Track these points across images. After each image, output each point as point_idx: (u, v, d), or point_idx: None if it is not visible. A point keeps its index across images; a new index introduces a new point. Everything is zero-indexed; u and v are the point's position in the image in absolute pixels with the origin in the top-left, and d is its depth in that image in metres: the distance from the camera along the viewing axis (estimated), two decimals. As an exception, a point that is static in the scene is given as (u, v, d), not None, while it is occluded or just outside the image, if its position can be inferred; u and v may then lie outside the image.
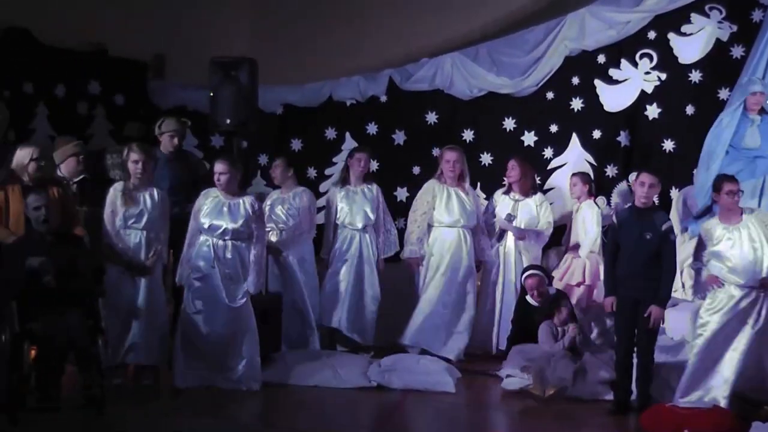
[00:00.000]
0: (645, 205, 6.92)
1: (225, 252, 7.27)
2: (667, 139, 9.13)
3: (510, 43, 9.47)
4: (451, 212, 8.34)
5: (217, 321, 7.22)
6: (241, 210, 7.30)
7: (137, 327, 7.16)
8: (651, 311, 6.74)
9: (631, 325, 6.86)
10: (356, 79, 9.73)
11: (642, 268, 6.79)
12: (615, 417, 6.81)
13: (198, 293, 7.26)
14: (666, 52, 9.15)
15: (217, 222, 7.25)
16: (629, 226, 6.91)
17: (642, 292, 6.79)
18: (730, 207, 6.74)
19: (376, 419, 6.78)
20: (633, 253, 6.83)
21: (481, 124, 9.56)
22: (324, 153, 9.74)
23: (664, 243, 6.80)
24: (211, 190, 7.39)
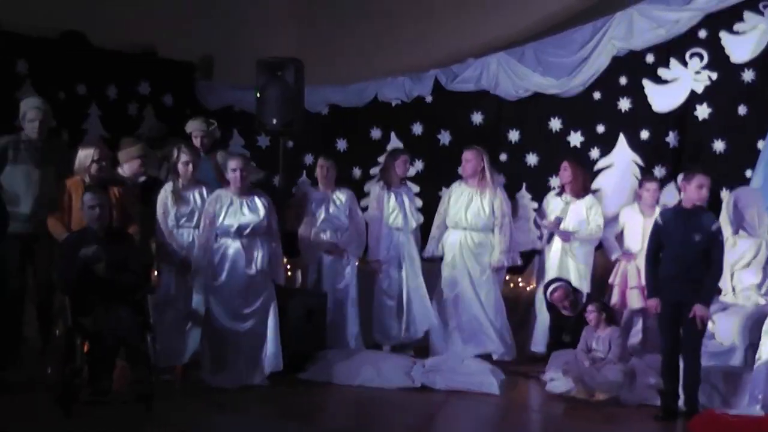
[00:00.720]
0: (694, 206, 6.82)
1: (253, 249, 7.32)
2: (717, 139, 8.97)
3: (556, 42, 9.38)
4: (454, 214, 8.37)
5: (245, 318, 7.29)
6: (259, 205, 7.37)
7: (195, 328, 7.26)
8: (695, 310, 6.64)
9: (675, 328, 6.76)
10: (402, 79, 9.73)
11: (688, 269, 6.69)
12: (662, 422, 6.73)
13: (224, 294, 7.29)
14: (717, 51, 8.98)
15: (244, 221, 7.29)
16: (675, 227, 6.81)
17: (686, 294, 6.68)
18: None
19: (419, 420, 6.77)
20: (679, 255, 6.73)
21: (527, 124, 9.49)
22: (369, 153, 9.76)
23: (713, 244, 6.69)
24: (221, 192, 7.39)
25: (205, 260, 7.28)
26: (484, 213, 8.33)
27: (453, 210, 8.42)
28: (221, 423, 6.48)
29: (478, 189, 8.37)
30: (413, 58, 9.94)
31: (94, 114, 9.14)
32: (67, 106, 8.69)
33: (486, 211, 8.33)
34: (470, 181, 8.41)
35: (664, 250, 6.84)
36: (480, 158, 8.39)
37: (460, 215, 8.37)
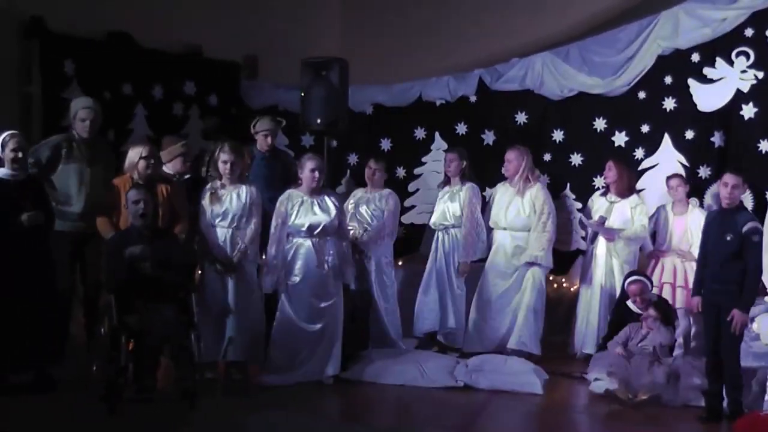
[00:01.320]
0: (729, 206, 6.77)
1: (325, 249, 7.40)
2: (763, 139, 8.86)
3: (601, 42, 9.33)
4: (494, 214, 8.39)
5: (313, 319, 7.37)
6: (330, 205, 7.42)
7: (230, 325, 7.29)
8: (734, 315, 6.59)
9: (716, 329, 6.73)
10: (446, 79, 9.73)
11: (720, 270, 6.67)
12: (706, 424, 6.69)
13: (296, 293, 7.37)
14: (764, 49, 8.85)
15: (315, 221, 7.36)
16: (714, 227, 6.82)
17: (721, 295, 6.66)
18: None
19: (463, 419, 6.78)
20: (713, 255, 6.73)
21: (572, 124, 9.45)
22: (413, 153, 9.78)
23: (745, 245, 6.62)
24: (292, 192, 7.47)
25: (277, 259, 7.36)
26: (524, 213, 8.33)
27: (495, 210, 8.45)
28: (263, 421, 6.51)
29: (520, 189, 8.36)
30: (457, 57, 9.96)
31: (140, 114, 9.24)
32: (113, 106, 8.79)
33: (526, 211, 8.32)
34: (512, 181, 8.41)
35: (706, 251, 6.81)
36: (522, 158, 8.41)
37: (500, 215, 8.39)
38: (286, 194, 7.47)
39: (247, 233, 7.38)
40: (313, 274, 7.36)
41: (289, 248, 7.40)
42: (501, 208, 8.41)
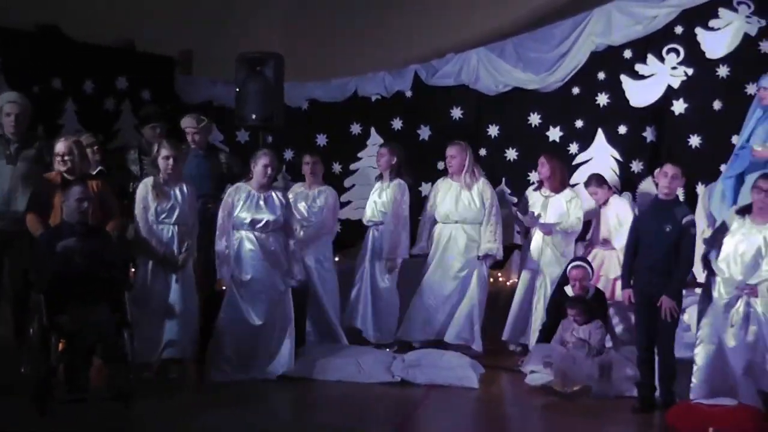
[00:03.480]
0: (667, 197, 6.87)
1: (268, 245, 7.37)
2: (693, 134, 9.05)
3: (536, 38, 9.43)
4: (444, 208, 8.37)
5: (262, 314, 7.34)
6: (276, 202, 7.41)
7: (171, 323, 7.22)
8: (663, 302, 6.69)
9: (649, 320, 6.81)
10: (382, 74, 9.74)
11: (660, 261, 6.75)
12: (640, 414, 6.79)
13: (245, 288, 7.33)
14: (693, 47, 9.07)
15: (258, 215, 7.33)
16: (649, 218, 6.90)
17: (659, 287, 6.74)
18: (760, 205, 6.67)
19: (400, 414, 6.79)
20: (651, 246, 6.80)
21: (507, 119, 9.54)
22: (349, 148, 9.77)
23: (683, 236, 6.73)
24: (241, 185, 7.46)
25: (228, 249, 7.33)
26: (475, 206, 8.34)
27: (442, 205, 8.41)
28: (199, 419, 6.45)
29: (466, 183, 8.38)
30: (393, 53, 9.96)
31: (70, 109, 9.06)
32: (42, 100, 8.60)
33: (477, 204, 8.35)
34: (456, 177, 8.42)
35: (640, 243, 6.90)
36: (465, 153, 8.41)
37: (450, 209, 8.37)
38: (234, 186, 7.48)
39: (192, 230, 7.33)
40: (256, 269, 7.32)
41: (241, 240, 7.38)
42: (450, 203, 8.37)
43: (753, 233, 6.61)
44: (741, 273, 6.59)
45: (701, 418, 6.24)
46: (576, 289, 7.81)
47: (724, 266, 6.65)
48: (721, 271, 6.66)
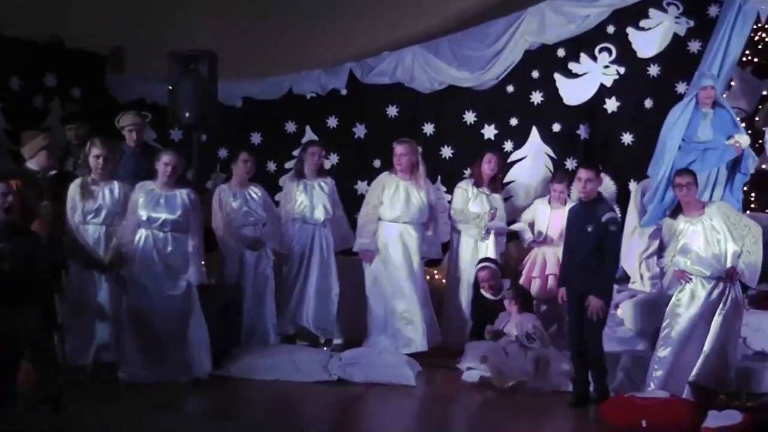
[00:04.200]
0: (587, 199, 6.96)
1: (165, 244, 7.25)
2: (625, 132, 9.21)
3: (471, 36, 9.48)
4: (394, 208, 8.28)
5: (162, 313, 7.20)
6: (179, 201, 7.29)
7: (103, 325, 7.10)
8: (589, 302, 6.79)
9: (580, 317, 6.90)
10: (317, 72, 9.69)
11: (585, 260, 6.84)
12: (575, 409, 6.87)
13: (141, 287, 7.20)
14: (625, 46, 9.24)
15: (156, 214, 7.23)
16: (575, 218, 7.00)
17: (585, 285, 6.83)
18: (685, 200, 6.80)
19: (337, 413, 6.77)
20: (577, 246, 6.90)
21: (442, 117, 9.57)
22: (284, 146, 9.69)
23: (604, 235, 6.81)
24: (146, 182, 7.34)
25: (128, 249, 7.19)
26: (423, 205, 8.32)
27: (390, 204, 8.30)
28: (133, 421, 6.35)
29: (413, 181, 8.33)
30: (329, 51, 9.90)
31: (-4, 105, 8.87)
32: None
33: (424, 203, 8.32)
34: (402, 174, 8.39)
35: (568, 242, 6.99)
36: (414, 151, 8.36)
37: (400, 209, 8.30)
38: (140, 184, 7.34)
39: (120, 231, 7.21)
40: (152, 268, 7.21)
41: (139, 238, 7.25)
42: (401, 203, 8.29)
43: (700, 227, 6.75)
44: (713, 265, 6.71)
45: (635, 411, 6.33)
46: (488, 290, 7.89)
47: (700, 267, 6.75)
48: (699, 273, 6.75)
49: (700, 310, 6.72)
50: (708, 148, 8.14)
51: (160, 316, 7.20)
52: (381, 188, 8.35)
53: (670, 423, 6.25)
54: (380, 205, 8.31)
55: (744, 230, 6.74)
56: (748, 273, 6.73)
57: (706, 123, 8.18)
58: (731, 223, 6.72)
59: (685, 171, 6.97)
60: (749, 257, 6.71)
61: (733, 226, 6.70)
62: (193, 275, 7.29)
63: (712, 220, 6.73)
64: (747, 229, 6.76)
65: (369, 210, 8.35)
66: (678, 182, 6.81)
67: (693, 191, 6.81)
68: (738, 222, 6.77)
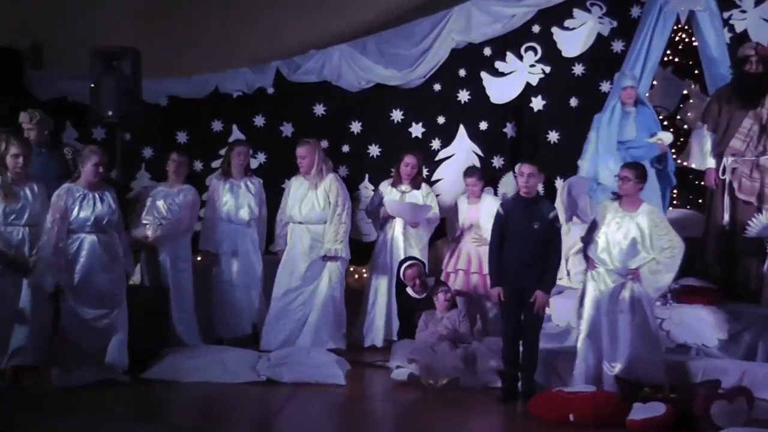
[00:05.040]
0: (527, 195, 7.02)
1: (110, 242, 7.16)
2: (551, 130, 9.35)
3: (398, 35, 9.52)
4: (301, 209, 8.26)
5: (96, 314, 7.08)
6: (109, 200, 7.20)
7: (21, 328, 6.93)
8: (536, 296, 6.86)
9: (517, 313, 6.96)
10: (243, 70, 9.62)
11: (530, 257, 6.90)
12: (504, 404, 6.91)
13: (77, 289, 7.06)
14: (550, 45, 9.37)
15: (100, 214, 7.11)
16: (516, 215, 7.01)
17: (529, 281, 6.90)
18: (625, 193, 6.89)
19: (266, 414, 6.70)
20: (521, 243, 6.93)
21: (369, 115, 9.59)
22: (210, 146, 9.59)
23: (550, 231, 6.93)
24: (71, 186, 7.17)
25: (56, 255, 6.98)
26: (319, 206, 8.24)
27: (290, 204, 8.33)
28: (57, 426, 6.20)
29: (314, 182, 8.28)
30: (255, 49, 9.83)
31: None
32: None
33: (321, 204, 8.25)
34: (307, 175, 8.35)
35: (507, 239, 7.01)
36: (314, 152, 8.29)
37: (295, 209, 8.29)
38: (64, 188, 7.13)
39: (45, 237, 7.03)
40: (99, 268, 7.08)
41: (72, 243, 7.08)
42: (296, 202, 8.28)
43: (626, 222, 6.84)
44: (620, 261, 6.81)
45: (562, 405, 6.40)
46: (416, 288, 7.91)
47: (605, 257, 6.85)
48: (603, 262, 6.85)
49: (606, 301, 6.82)
50: (632, 146, 8.28)
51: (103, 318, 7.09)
52: (288, 189, 8.39)
53: (597, 416, 6.33)
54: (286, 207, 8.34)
55: (666, 243, 6.80)
56: (650, 280, 6.81)
57: (629, 122, 8.32)
58: (657, 232, 6.79)
59: (631, 165, 7.04)
60: (657, 267, 6.80)
61: (656, 235, 6.78)
62: (131, 266, 7.32)
63: (639, 221, 6.81)
64: (670, 244, 6.81)
65: (280, 212, 8.43)
66: (621, 175, 6.89)
67: (633, 186, 6.87)
68: (664, 234, 6.81)
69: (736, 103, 8.12)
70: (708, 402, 6.30)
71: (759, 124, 8.05)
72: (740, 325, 7.57)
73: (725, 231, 8.15)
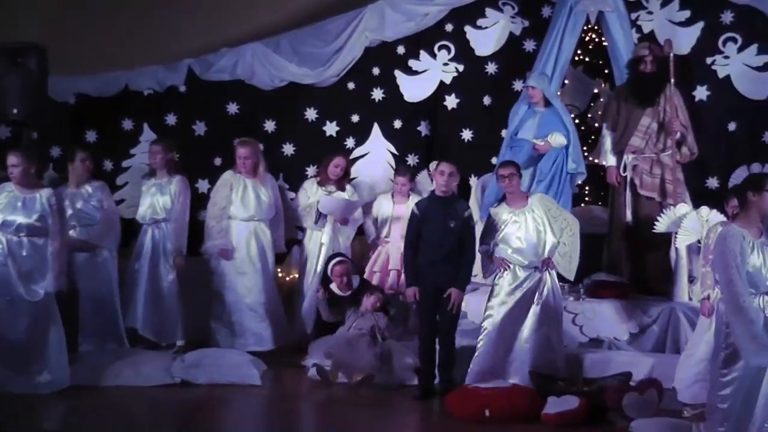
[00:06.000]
0: (445, 194, 7.08)
1: (20, 249, 6.93)
2: (465, 128, 9.41)
3: (311, 33, 9.45)
4: (246, 206, 8.19)
5: (16, 322, 6.88)
6: (37, 204, 6.96)
7: None
8: (451, 293, 6.90)
9: (434, 312, 7.01)
10: (154, 68, 9.42)
11: (446, 255, 6.95)
12: (420, 402, 6.94)
13: None
14: (463, 44, 9.43)
15: (11, 217, 6.90)
16: (432, 215, 7.04)
17: (445, 279, 6.95)
18: (509, 191, 7.01)
19: (181, 417, 6.59)
20: (437, 242, 6.98)
21: (283, 114, 9.50)
22: (121, 145, 9.38)
23: (465, 229, 6.99)
24: (6, 184, 7.01)
25: None
26: (271, 202, 8.25)
27: (242, 203, 8.19)
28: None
29: (257, 180, 8.23)
30: (166, 47, 9.61)
31: None
32: None
33: (271, 200, 8.25)
34: (249, 175, 8.23)
35: (423, 238, 7.04)
36: (256, 152, 8.25)
37: (252, 207, 8.19)
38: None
39: None
40: (6, 275, 6.89)
41: None
42: (250, 202, 8.17)
43: (522, 218, 6.98)
44: (533, 255, 6.95)
45: (478, 401, 6.47)
46: (342, 285, 7.90)
47: (518, 256, 6.97)
48: (517, 261, 6.96)
49: (515, 298, 6.94)
50: (514, 144, 8.40)
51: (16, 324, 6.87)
52: (228, 188, 8.22)
53: (512, 411, 6.42)
54: (230, 205, 8.18)
55: (563, 223, 7.08)
56: (563, 264, 7.06)
57: (533, 121, 8.43)
58: (552, 216, 7.02)
59: (507, 163, 7.22)
60: (565, 249, 7.03)
61: (553, 219, 7.01)
62: (49, 282, 6.94)
63: (534, 212, 6.99)
64: (566, 223, 7.10)
65: (217, 210, 8.22)
66: (501, 173, 7.04)
67: (515, 182, 7.02)
68: (558, 215, 7.08)
69: (633, 102, 8.36)
70: (619, 394, 6.45)
71: (657, 122, 8.29)
72: (650, 318, 7.78)
73: (629, 227, 8.36)
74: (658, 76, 8.29)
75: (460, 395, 6.66)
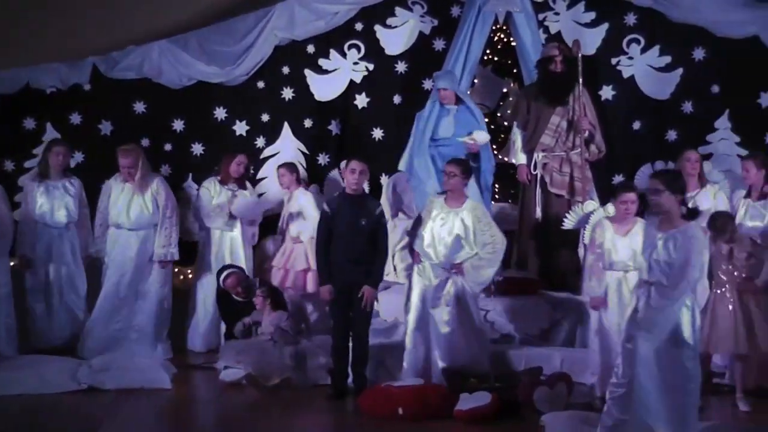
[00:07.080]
0: (356, 192, 7.07)
1: None
2: (376, 127, 9.44)
3: (220, 31, 9.37)
4: (129, 215, 8.01)
5: None
6: None
7: None
8: (364, 292, 6.89)
9: (347, 310, 6.99)
10: (57, 65, 9.20)
11: (358, 253, 6.95)
12: (334, 401, 6.91)
13: None
14: (373, 43, 9.46)
15: None
16: (343, 213, 7.02)
17: (358, 277, 6.94)
18: (448, 188, 7.03)
19: (88, 424, 6.41)
20: (349, 240, 6.96)
21: (192, 113, 9.39)
22: (23, 144, 9.13)
23: (377, 227, 7.00)
24: None
25: None
26: (148, 211, 8.02)
27: (114, 210, 8.02)
28: None
29: (138, 186, 8.02)
30: (69, 43, 9.38)
31: None
32: None
33: (150, 209, 8.03)
34: (132, 181, 8.06)
35: (334, 237, 7.01)
36: (138, 159, 8.03)
37: (122, 216, 8.00)
38: None
39: None
40: None
41: None
42: (122, 209, 8.00)
43: (450, 217, 6.99)
44: (444, 256, 6.96)
45: (391, 399, 6.47)
46: (240, 294, 7.82)
47: (430, 251, 6.97)
48: (428, 256, 6.97)
49: (430, 295, 6.99)
50: (441, 144, 8.43)
51: None
52: (108, 194, 8.07)
53: (425, 409, 6.44)
54: (106, 212, 8.06)
55: (488, 238, 7.02)
56: (472, 275, 7.02)
57: (448, 120, 8.47)
58: (479, 227, 7.00)
59: (456, 160, 7.21)
60: (479, 263, 7.01)
61: (480, 231, 6.99)
62: None
63: (463, 217, 6.98)
64: (492, 239, 7.03)
65: (99, 215, 8.14)
66: (447, 170, 7.05)
67: (454, 182, 7.01)
68: (486, 229, 7.03)
69: (543, 101, 8.48)
70: (530, 389, 6.54)
71: (566, 121, 8.43)
72: (559, 313, 7.91)
73: (539, 224, 8.48)
74: (568, 75, 8.42)
75: (373, 394, 6.65)
